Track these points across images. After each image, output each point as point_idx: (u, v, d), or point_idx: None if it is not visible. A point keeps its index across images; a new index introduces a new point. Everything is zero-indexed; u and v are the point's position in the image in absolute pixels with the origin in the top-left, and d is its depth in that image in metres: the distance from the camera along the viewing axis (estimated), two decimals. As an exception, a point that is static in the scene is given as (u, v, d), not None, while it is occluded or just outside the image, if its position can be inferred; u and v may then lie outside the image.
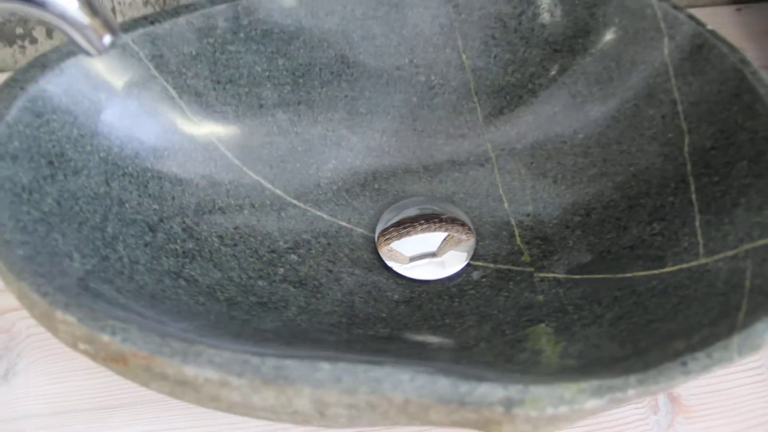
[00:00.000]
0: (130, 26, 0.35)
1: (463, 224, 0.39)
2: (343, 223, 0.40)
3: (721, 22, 0.55)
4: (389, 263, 0.38)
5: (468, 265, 0.38)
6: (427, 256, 0.38)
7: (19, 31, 0.48)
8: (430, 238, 0.39)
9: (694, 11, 0.56)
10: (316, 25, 0.38)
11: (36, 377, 0.37)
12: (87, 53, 0.25)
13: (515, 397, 0.24)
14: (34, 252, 0.29)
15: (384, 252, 0.38)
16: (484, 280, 0.37)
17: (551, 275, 0.37)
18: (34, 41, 0.49)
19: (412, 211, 0.40)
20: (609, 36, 0.39)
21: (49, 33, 0.49)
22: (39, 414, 0.36)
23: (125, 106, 0.36)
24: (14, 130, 0.31)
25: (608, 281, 0.35)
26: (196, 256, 0.35)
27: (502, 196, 0.40)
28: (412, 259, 0.38)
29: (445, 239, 0.39)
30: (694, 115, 0.36)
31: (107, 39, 0.25)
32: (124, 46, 0.35)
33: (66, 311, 0.26)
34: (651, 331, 0.29)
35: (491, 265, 0.38)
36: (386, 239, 0.39)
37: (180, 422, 0.36)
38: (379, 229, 0.39)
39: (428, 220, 0.40)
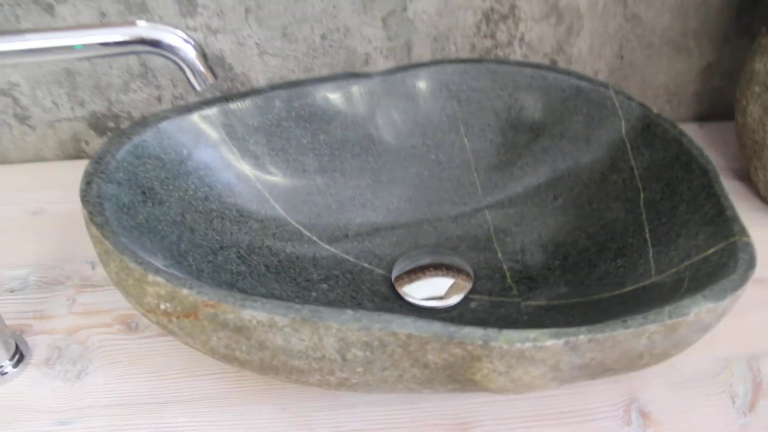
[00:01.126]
0: (210, 102, 0.47)
1: (464, 271, 0.47)
2: (366, 265, 0.48)
3: (692, 133, 0.67)
4: (402, 293, 0.46)
5: (466, 297, 0.46)
6: (435, 299, 0.46)
7: (111, 124, 0.61)
8: (438, 283, 0.47)
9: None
10: (350, 110, 0.50)
11: (102, 378, 0.44)
12: (195, 89, 0.36)
13: (491, 335, 0.31)
14: (130, 243, 0.38)
15: (399, 289, 0.46)
16: (479, 307, 0.45)
17: (535, 303, 0.44)
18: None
19: (423, 260, 0.48)
20: (579, 122, 0.50)
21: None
22: (102, 405, 0.43)
23: (201, 161, 0.46)
24: (120, 165, 0.42)
25: (580, 303, 0.42)
26: (246, 276, 0.44)
27: (496, 248, 0.49)
28: (423, 299, 0.46)
29: (451, 286, 0.47)
30: (646, 177, 0.46)
31: (209, 81, 0.36)
32: (206, 116, 0.46)
33: (156, 275, 0.34)
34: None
35: (486, 297, 0.46)
36: (400, 282, 0.47)
37: (215, 416, 0.42)
38: (395, 272, 0.48)
39: (436, 267, 0.48)
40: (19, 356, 0.45)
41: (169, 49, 0.35)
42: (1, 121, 0.59)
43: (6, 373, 0.44)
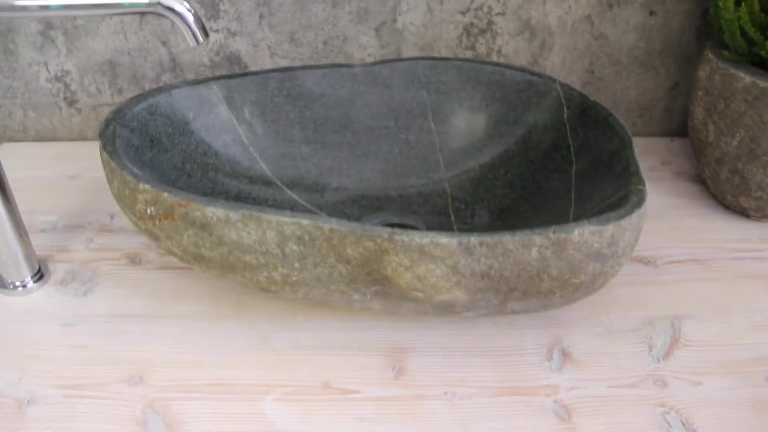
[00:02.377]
0: (216, 78, 0.57)
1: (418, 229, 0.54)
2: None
3: (659, 147, 0.73)
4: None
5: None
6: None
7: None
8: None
9: (640, 140, 0.73)
10: (334, 93, 0.59)
11: (104, 296, 0.53)
12: (190, 43, 0.45)
13: (396, 231, 0.38)
14: (132, 167, 0.47)
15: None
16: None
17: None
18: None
19: (386, 219, 0.56)
20: (530, 110, 0.57)
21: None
22: (100, 314, 0.51)
23: (203, 123, 0.56)
24: (135, 116, 0.52)
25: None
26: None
27: (450, 213, 0.56)
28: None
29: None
30: (579, 151, 0.53)
31: (201, 38, 0.45)
32: (210, 87, 0.56)
33: (145, 183, 0.43)
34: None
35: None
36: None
37: (193, 328, 0.50)
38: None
39: (396, 225, 0.55)
40: (40, 276, 0.54)
41: (178, 14, 0.45)
42: (54, 104, 0.71)
43: (26, 286, 0.53)
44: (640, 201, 0.42)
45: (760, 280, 0.55)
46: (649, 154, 0.72)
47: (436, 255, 0.39)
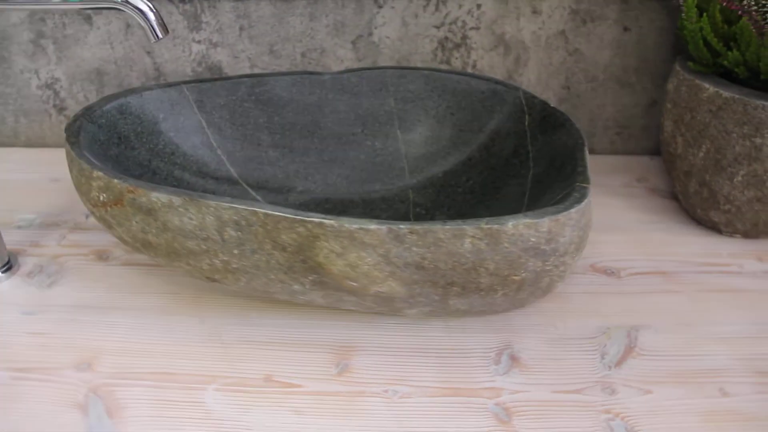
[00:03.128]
0: (188, 82, 0.58)
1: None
2: (297, 222, 0.56)
3: (636, 165, 0.72)
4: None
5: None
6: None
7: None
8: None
9: (618, 158, 0.73)
10: (302, 99, 0.60)
11: (67, 288, 0.54)
12: (150, 39, 0.47)
13: (327, 218, 0.39)
14: (95, 160, 0.48)
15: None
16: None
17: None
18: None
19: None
20: (493, 118, 0.58)
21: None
22: (61, 305, 0.52)
23: (173, 125, 0.57)
24: (104, 114, 0.53)
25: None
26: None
27: (411, 219, 0.56)
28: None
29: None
30: (537, 157, 0.53)
31: (161, 34, 0.47)
32: (181, 90, 0.58)
33: (98, 171, 0.44)
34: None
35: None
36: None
37: (149, 321, 0.50)
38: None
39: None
40: (8, 267, 0.55)
41: (141, 12, 0.46)
42: (44, 110, 0.73)
43: (-6, 276, 0.54)
44: (582, 197, 0.42)
45: (725, 293, 0.54)
46: (624, 172, 0.71)
47: (367, 242, 0.39)
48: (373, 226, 0.39)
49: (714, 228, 0.61)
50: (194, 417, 0.43)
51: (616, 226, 0.62)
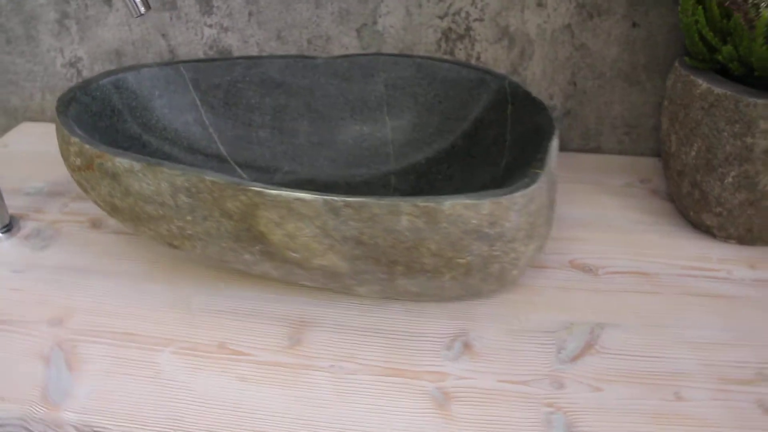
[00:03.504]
0: (185, 61, 0.61)
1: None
2: (278, 201, 0.58)
3: (642, 166, 0.70)
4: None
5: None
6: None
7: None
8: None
9: (626, 158, 0.71)
10: (294, 82, 0.61)
11: (57, 251, 0.57)
12: (132, 15, 0.50)
13: (266, 186, 0.40)
14: (83, 131, 0.51)
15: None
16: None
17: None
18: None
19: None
20: (478, 107, 0.57)
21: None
22: (47, 265, 0.55)
23: (167, 101, 0.60)
24: (100, 87, 0.56)
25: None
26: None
27: (389, 203, 0.57)
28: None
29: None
30: (512, 146, 0.52)
31: (143, 9, 0.50)
32: (178, 69, 0.60)
33: (76, 137, 0.47)
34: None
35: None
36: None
37: (125, 284, 0.53)
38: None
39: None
40: (8, 228, 0.59)
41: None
42: (67, 88, 0.78)
43: (-6, 236, 0.58)
44: (530, 182, 0.42)
45: (704, 298, 0.52)
46: (628, 172, 0.69)
47: (303, 213, 0.40)
48: (308, 197, 0.39)
49: (708, 232, 0.58)
50: (146, 375, 0.45)
51: (607, 224, 0.61)
